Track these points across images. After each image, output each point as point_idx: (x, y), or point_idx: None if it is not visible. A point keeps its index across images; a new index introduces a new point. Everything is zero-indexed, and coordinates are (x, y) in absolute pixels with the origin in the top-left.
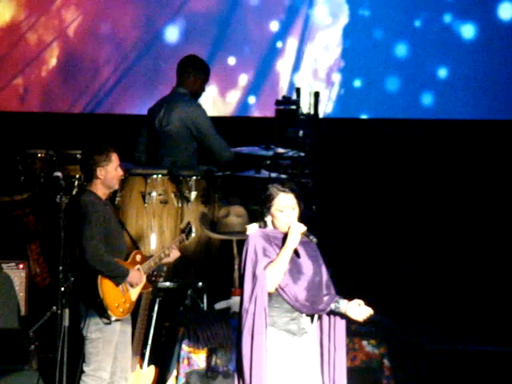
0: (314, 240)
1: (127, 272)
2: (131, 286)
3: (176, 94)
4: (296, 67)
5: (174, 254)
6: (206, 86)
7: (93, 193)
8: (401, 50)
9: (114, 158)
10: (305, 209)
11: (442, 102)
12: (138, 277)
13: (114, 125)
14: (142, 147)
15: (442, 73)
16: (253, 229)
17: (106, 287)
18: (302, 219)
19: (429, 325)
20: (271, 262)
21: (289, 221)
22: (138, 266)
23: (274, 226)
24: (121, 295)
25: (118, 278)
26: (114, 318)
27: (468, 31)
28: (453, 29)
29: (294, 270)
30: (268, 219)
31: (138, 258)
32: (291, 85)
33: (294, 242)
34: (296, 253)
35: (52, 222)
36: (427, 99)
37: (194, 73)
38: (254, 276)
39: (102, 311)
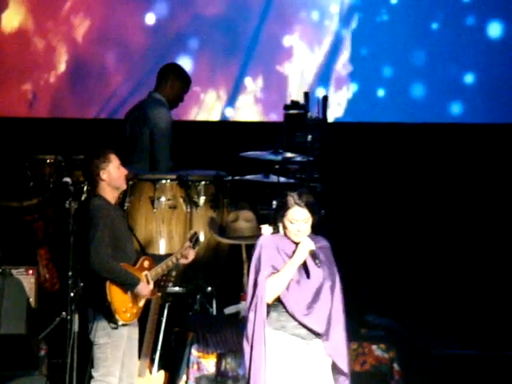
0: (319, 264)
1: (137, 281)
2: (138, 296)
3: (150, 98)
4: (305, 71)
5: (191, 255)
6: (184, 97)
7: (102, 197)
8: (418, 55)
9: (113, 157)
10: (320, 218)
11: (449, 104)
12: (147, 289)
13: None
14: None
15: (468, 78)
16: (266, 230)
17: (114, 291)
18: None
19: (438, 329)
20: (274, 272)
21: (298, 233)
22: (145, 273)
23: (285, 234)
24: (128, 300)
25: (127, 285)
26: (121, 323)
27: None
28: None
29: (299, 277)
30: (280, 226)
31: (146, 264)
32: (300, 89)
33: (300, 258)
34: (305, 268)
35: (61, 227)
36: (455, 105)
37: (174, 81)
38: (255, 284)
39: (109, 315)
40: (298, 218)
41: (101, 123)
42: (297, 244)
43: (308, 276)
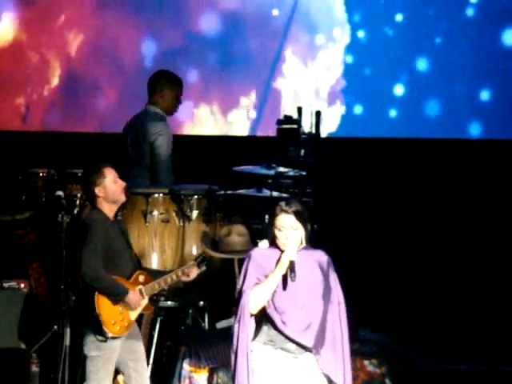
0: (293, 278)
1: (126, 291)
2: (129, 307)
3: (146, 112)
4: (298, 86)
5: (193, 273)
6: (180, 100)
7: (99, 211)
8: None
9: (108, 172)
10: (312, 229)
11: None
12: (136, 299)
13: (115, 144)
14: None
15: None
16: (263, 245)
17: (103, 303)
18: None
19: (430, 344)
20: (259, 283)
21: (286, 241)
22: (139, 287)
23: (277, 247)
24: (118, 313)
25: (116, 296)
26: (110, 335)
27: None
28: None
29: (291, 290)
30: (271, 236)
31: (142, 278)
32: (293, 104)
33: (281, 268)
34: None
35: (53, 241)
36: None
37: (165, 89)
38: (240, 294)
39: (98, 327)
40: (285, 225)
41: (94, 137)
42: (278, 260)
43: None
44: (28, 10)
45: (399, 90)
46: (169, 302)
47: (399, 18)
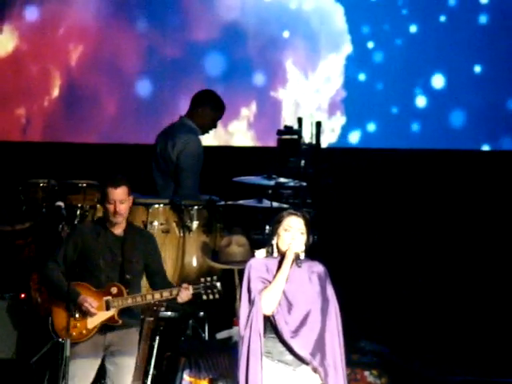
0: (299, 264)
1: (75, 296)
2: (81, 312)
3: (181, 124)
4: (299, 97)
5: (184, 297)
6: (217, 123)
7: (94, 220)
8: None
9: (108, 192)
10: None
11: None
12: (87, 306)
13: (116, 154)
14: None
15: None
16: (260, 254)
17: (55, 306)
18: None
19: (430, 355)
20: (266, 286)
21: (293, 242)
22: (106, 298)
23: (278, 249)
24: (72, 318)
25: (64, 298)
26: (57, 339)
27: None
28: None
29: (287, 300)
30: (274, 243)
31: (114, 290)
32: (293, 114)
33: (288, 264)
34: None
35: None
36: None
37: (206, 108)
38: (250, 302)
39: (51, 329)
40: (293, 225)
41: (94, 148)
42: (280, 264)
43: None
44: (29, 21)
45: (419, 101)
46: (169, 313)
47: (413, 29)
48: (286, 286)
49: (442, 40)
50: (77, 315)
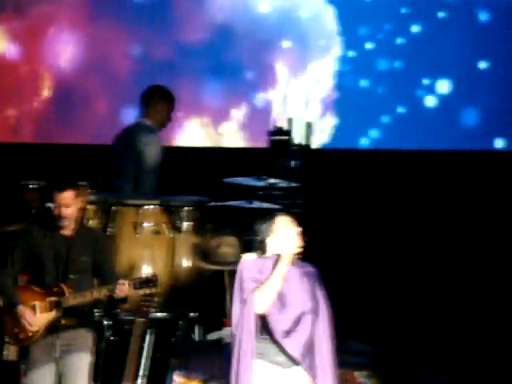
0: (296, 264)
1: (14, 303)
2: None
3: (138, 125)
4: (289, 97)
5: (121, 292)
6: (172, 116)
7: (46, 221)
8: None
9: (53, 196)
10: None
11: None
12: (22, 316)
13: (106, 155)
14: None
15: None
16: (250, 257)
17: (5, 310)
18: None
19: (422, 356)
20: (259, 286)
21: (292, 242)
22: (49, 299)
23: (274, 251)
24: (19, 322)
25: (8, 304)
26: (7, 340)
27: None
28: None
29: (281, 300)
30: (269, 242)
31: (58, 290)
32: (283, 115)
33: (285, 264)
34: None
35: None
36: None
37: (158, 103)
38: (242, 301)
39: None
40: (288, 227)
41: (85, 149)
42: (276, 263)
43: (289, 300)
44: (19, 22)
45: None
46: (159, 314)
47: (415, 29)
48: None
49: (444, 38)
50: (22, 320)
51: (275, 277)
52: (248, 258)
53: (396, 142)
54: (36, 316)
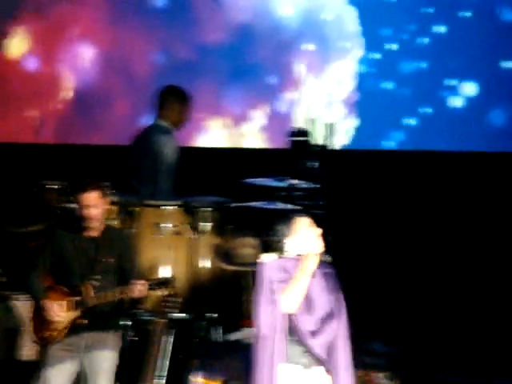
0: (328, 258)
1: (38, 297)
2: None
3: (155, 126)
4: (312, 99)
5: (135, 293)
6: (188, 115)
7: (74, 223)
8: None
9: (79, 197)
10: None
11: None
12: (46, 311)
13: (125, 157)
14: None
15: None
16: (268, 259)
17: (38, 309)
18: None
19: (443, 357)
20: (286, 286)
21: (314, 242)
22: (75, 299)
23: (295, 252)
24: (46, 320)
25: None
26: (35, 339)
27: None
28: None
29: (307, 301)
30: (289, 244)
31: (83, 290)
32: (306, 116)
33: (312, 263)
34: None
35: None
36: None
37: (173, 104)
38: (272, 302)
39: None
40: (310, 227)
41: (107, 149)
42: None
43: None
44: (41, 23)
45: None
46: (179, 315)
47: (442, 29)
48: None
49: (467, 38)
50: (47, 318)
51: (302, 276)
52: (267, 258)
53: (420, 144)
54: (62, 313)
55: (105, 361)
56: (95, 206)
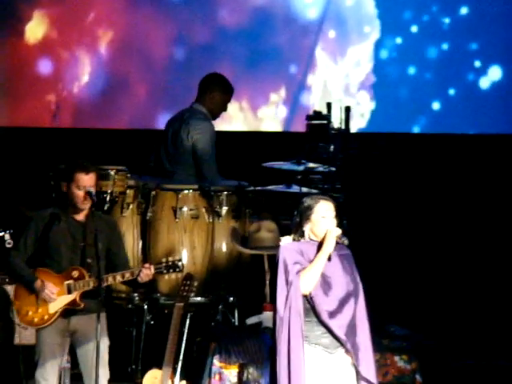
0: (346, 242)
1: (32, 279)
2: (46, 300)
3: (192, 110)
4: (328, 82)
5: (145, 276)
6: (227, 106)
7: (55, 207)
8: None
9: (79, 177)
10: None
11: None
12: (45, 290)
13: (145, 140)
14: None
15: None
16: (286, 241)
17: (19, 292)
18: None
19: (461, 340)
20: (304, 268)
21: (330, 227)
22: (68, 282)
23: (313, 235)
24: (33, 303)
25: (23, 282)
26: (18, 323)
27: None
28: None
29: (325, 282)
30: (306, 228)
31: (75, 274)
32: (322, 99)
33: (330, 246)
34: (329, 258)
35: None
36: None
37: (216, 91)
38: (288, 283)
39: (13, 315)
40: (328, 210)
41: (124, 133)
42: (319, 248)
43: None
44: (58, 7)
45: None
46: (199, 298)
47: (464, 11)
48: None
49: (491, 20)
50: (38, 301)
51: (320, 258)
52: (287, 241)
53: (443, 127)
54: (56, 296)
55: (95, 342)
56: (93, 188)
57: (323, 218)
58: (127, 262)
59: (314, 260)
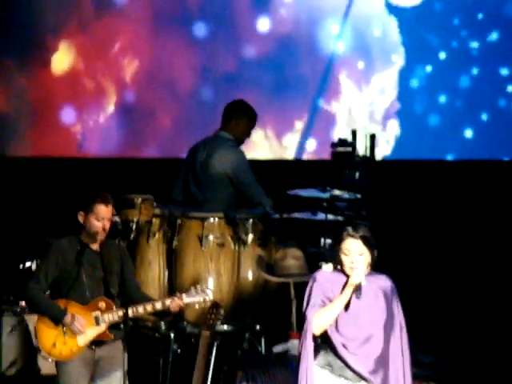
0: (359, 296)
1: (60, 315)
2: (73, 332)
3: (219, 137)
4: (353, 109)
5: (176, 306)
6: (251, 133)
7: (73, 236)
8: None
9: (98, 209)
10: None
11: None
12: (75, 324)
13: (170, 169)
14: (179, 188)
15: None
16: (328, 268)
17: (42, 324)
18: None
19: (487, 367)
20: (324, 305)
21: (352, 266)
22: (95, 313)
23: (342, 271)
24: (61, 336)
25: (51, 318)
26: (43, 355)
27: None
28: None
29: (348, 316)
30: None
31: (102, 305)
32: (347, 127)
33: (345, 296)
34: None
35: None
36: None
37: (241, 118)
38: (303, 317)
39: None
40: (351, 249)
41: (149, 163)
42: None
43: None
44: (84, 37)
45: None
46: (225, 327)
47: (494, 36)
48: (352, 300)
49: None
50: (65, 333)
51: (336, 303)
52: (326, 268)
53: (476, 154)
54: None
55: (119, 370)
56: (110, 219)
57: (345, 255)
58: (139, 288)
59: (332, 302)
